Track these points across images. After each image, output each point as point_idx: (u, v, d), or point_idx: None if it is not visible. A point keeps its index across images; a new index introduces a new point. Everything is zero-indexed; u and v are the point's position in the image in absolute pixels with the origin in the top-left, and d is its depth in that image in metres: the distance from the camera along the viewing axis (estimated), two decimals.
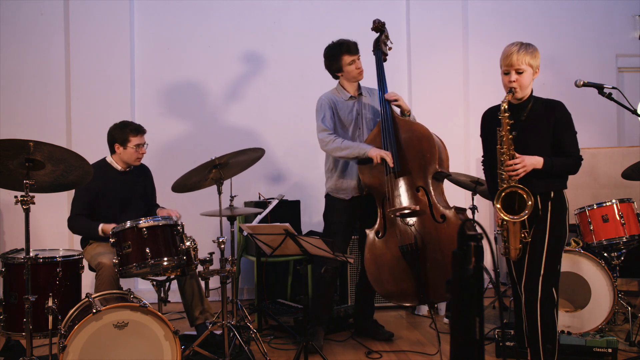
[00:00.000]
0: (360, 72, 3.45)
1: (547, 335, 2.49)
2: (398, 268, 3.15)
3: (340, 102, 3.45)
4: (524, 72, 2.52)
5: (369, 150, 3.21)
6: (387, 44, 3.55)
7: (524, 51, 2.51)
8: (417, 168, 3.22)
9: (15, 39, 4.66)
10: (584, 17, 5.30)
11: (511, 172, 2.47)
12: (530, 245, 2.51)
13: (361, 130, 3.47)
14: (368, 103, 3.52)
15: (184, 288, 3.32)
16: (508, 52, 2.54)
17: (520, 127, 2.56)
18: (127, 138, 3.37)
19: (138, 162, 3.47)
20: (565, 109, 2.56)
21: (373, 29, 3.55)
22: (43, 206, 3.69)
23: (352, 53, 3.41)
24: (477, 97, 5.12)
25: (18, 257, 2.86)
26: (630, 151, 4.32)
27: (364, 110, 3.49)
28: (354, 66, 3.41)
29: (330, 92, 3.51)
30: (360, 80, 3.50)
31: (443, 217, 3.13)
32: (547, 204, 2.52)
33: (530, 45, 2.56)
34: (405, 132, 3.30)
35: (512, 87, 2.53)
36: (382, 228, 3.24)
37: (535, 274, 2.49)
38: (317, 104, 3.47)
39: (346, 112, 3.45)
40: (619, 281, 3.50)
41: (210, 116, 4.96)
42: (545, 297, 2.48)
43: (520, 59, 2.50)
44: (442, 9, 5.15)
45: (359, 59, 3.44)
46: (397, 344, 3.46)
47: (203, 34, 4.96)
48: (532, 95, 2.61)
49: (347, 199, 3.45)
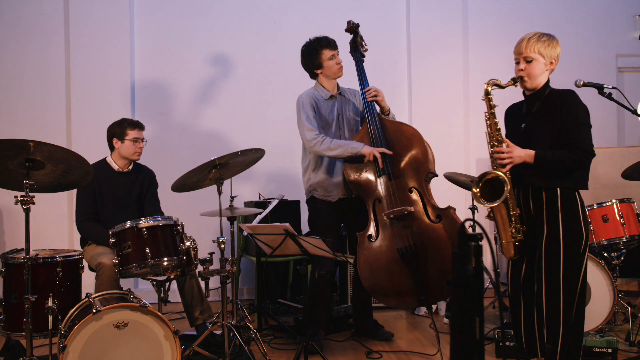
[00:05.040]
0: (341, 68, 3.41)
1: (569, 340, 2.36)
2: (395, 271, 3.12)
3: (320, 101, 3.41)
4: (533, 61, 2.42)
5: (362, 148, 3.17)
6: (363, 45, 3.52)
7: (535, 39, 2.42)
8: (409, 169, 3.20)
9: (15, 39, 4.66)
10: (584, 17, 5.30)
11: (498, 160, 2.39)
12: (545, 248, 2.39)
13: (342, 130, 3.41)
14: (348, 103, 3.48)
15: (183, 288, 3.32)
16: (520, 40, 2.46)
17: (532, 119, 2.47)
18: (124, 131, 3.39)
19: (137, 156, 3.46)
20: (573, 97, 2.42)
21: (348, 30, 3.51)
22: (43, 206, 3.69)
23: (332, 48, 3.37)
24: (477, 97, 5.07)
25: (18, 257, 2.86)
26: (630, 151, 4.32)
27: (344, 110, 3.45)
28: (334, 61, 3.37)
29: (309, 91, 3.45)
30: (340, 76, 3.44)
31: (439, 217, 3.13)
32: (556, 203, 2.39)
33: (547, 34, 2.45)
34: (393, 133, 3.28)
35: (520, 76, 2.44)
36: (375, 231, 3.20)
37: (554, 281, 2.36)
38: (298, 103, 3.40)
39: (327, 112, 3.41)
40: (619, 281, 3.49)
41: (210, 116, 4.96)
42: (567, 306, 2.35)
43: (529, 47, 2.41)
44: (442, 9, 5.15)
45: (338, 54, 3.40)
46: (397, 344, 3.46)
47: (203, 34, 4.96)
48: (547, 86, 2.48)
49: (334, 201, 3.38)
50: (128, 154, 3.42)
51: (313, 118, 3.34)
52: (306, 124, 3.32)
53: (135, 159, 3.47)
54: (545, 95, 2.47)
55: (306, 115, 3.34)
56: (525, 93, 2.54)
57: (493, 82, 2.44)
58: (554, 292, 2.37)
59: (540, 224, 2.44)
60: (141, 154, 3.48)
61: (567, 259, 2.36)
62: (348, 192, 3.38)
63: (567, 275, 2.36)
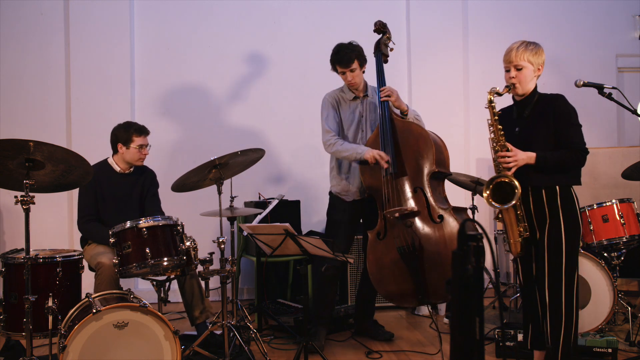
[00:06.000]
0: (352, 84, 3.39)
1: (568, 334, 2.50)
2: (397, 269, 3.14)
3: (343, 101, 3.45)
4: (523, 69, 2.56)
5: (365, 152, 3.21)
6: (388, 45, 3.50)
7: (523, 48, 2.56)
8: (414, 168, 3.21)
9: (15, 39, 4.66)
10: (584, 17, 5.31)
11: (503, 164, 2.51)
12: (548, 243, 2.52)
13: (364, 132, 3.45)
14: (373, 104, 3.48)
15: (184, 288, 3.32)
16: (508, 49, 2.61)
17: (524, 123, 2.60)
18: (130, 138, 3.37)
19: (140, 162, 3.46)
20: (563, 101, 2.57)
21: (375, 30, 3.51)
22: (43, 206, 3.69)
23: (343, 66, 3.33)
24: (477, 97, 5.12)
25: (18, 257, 2.86)
26: (630, 151, 4.32)
27: (368, 112, 3.46)
28: (344, 77, 3.38)
29: (335, 91, 3.50)
30: (356, 88, 3.43)
31: (440, 218, 3.13)
32: (556, 200, 2.53)
33: (533, 43, 2.60)
34: (402, 133, 3.28)
35: (512, 83, 2.59)
36: (383, 229, 3.23)
37: (557, 272, 2.50)
38: (322, 102, 3.47)
39: (348, 113, 3.44)
40: (619, 281, 3.49)
41: (210, 116, 4.96)
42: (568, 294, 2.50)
43: (519, 56, 2.55)
44: (442, 9, 5.15)
45: (352, 71, 3.34)
46: (397, 344, 3.46)
47: (203, 34, 4.96)
48: (536, 91, 2.62)
49: (348, 201, 3.45)
50: (132, 160, 3.42)
51: (332, 118, 3.39)
52: (324, 124, 3.40)
53: (139, 164, 3.48)
54: (534, 100, 2.61)
55: (326, 115, 3.41)
56: (515, 99, 2.67)
57: (494, 91, 2.57)
58: (557, 281, 2.51)
59: (542, 221, 2.56)
60: (144, 159, 3.48)
61: (568, 250, 2.52)
62: (363, 193, 3.43)
63: (568, 265, 2.52)
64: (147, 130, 3.46)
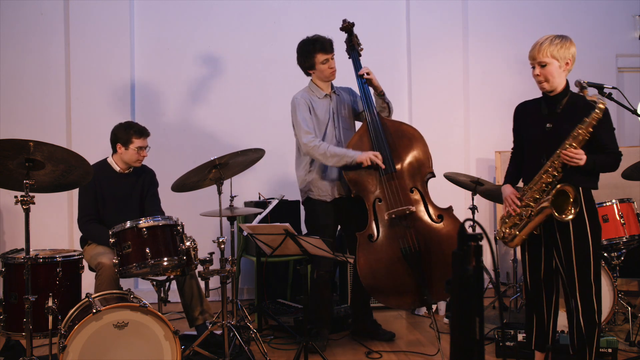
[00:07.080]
0: (333, 72, 3.38)
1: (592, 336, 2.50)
2: (397, 271, 3.12)
3: (315, 100, 3.41)
4: (547, 65, 2.49)
5: (357, 156, 3.15)
6: (359, 43, 3.51)
7: (547, 44, 2.49)
8: (411, 169, 3.21)
9: (15, 39, 4.66)
10: (584, 17, 5.30)
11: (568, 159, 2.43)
12: (575, 243, 2.49)
13: (338, 129, 3.42)
14: (343, 101, 3.47)
15: (183, 288, 3.32)
16: (533, 45, 2.55)
17: (556, 119, 2.55)
18: (129, 139, 3.36)
19: (139, 163, 3.46)
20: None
21: (342, 28, 3.49)
22: (43, 206, 3.68)
23: (327, 52, 3.32)
24: (477, 97, 5.12)
25: (18, 257, 2.86)
26: (630, 151, 4.31)
27: (339, 108, 3.44)
28: (327, 65, 3.34)
29: (304, 91, 3.46)
30: (332, 80, 3.44)
31: (440, 217, 3.13)
32: (580, 201, 2.51)
33: (559, 36, 2.52)
34: (394, 133, 3.28)
35: (539, 80, 2.54)
36: (376, 231, 3.20)
37: (587, 267, 2.48)
38: (293, 104, 3.41)
39: (322, 111, 3.40)
40: (619, 281, 3.49)
41: (210, 116, 4.96)
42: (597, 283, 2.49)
43: (542, 52, 2.49)
44: (442, 9, 5.15)
45: (332, 58, 3.36)
46: (397, 344, 3.46)
47: (203, 34, 4.96)
48: (567, 88, 2.56)
49: (329, 201, 3.38)
50: (130, 160, 3.41)
51: (309, 119, 3.34)
52: (302, 126, 3.31)
53: (137, 166, 3.47)
54: (568, 96, 2.56)
55: (302, 116, 3.33)
56: (546, 94, 2.61)
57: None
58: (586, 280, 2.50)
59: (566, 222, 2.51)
60: (143, 161, 3.47)
61: (594, 250, 2.51)
62: (347, 192, 3.37)
63: (595, 264, 2.51)
64: (147, 132, 3.44)
